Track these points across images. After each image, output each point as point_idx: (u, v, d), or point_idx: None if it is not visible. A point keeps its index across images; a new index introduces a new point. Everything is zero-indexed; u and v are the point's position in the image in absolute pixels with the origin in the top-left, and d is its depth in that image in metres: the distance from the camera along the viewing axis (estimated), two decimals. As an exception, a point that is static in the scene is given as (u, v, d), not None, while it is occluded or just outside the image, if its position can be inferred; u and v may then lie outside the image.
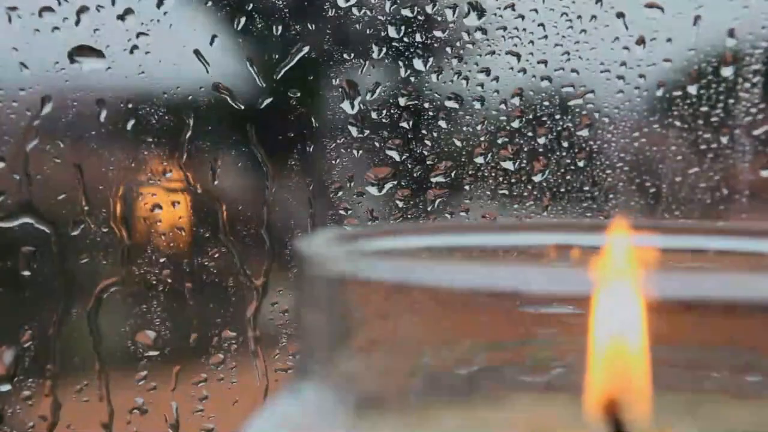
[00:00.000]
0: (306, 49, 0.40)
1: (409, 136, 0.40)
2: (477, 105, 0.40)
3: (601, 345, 0.17)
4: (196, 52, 0.39)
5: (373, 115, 0.40)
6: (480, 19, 0.40)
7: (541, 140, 0.41)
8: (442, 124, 0.40)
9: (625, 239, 0.22)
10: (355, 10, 0.39)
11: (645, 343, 0.17)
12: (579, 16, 0.40)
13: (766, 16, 0.40)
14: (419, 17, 0.40)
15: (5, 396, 0.38)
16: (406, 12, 0.40)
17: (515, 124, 0.41)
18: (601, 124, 0.41)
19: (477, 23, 0.40)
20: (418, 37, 0.40)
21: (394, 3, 0.40)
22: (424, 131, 0.40)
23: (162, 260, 0.39)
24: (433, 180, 0.41)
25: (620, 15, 0.40)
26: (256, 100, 0.40)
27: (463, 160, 0.41)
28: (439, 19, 0.40)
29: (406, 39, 0.40)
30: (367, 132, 0.40)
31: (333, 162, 0.41)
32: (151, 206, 0.39)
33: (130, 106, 0.38)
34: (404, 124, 0.40)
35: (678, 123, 0.41)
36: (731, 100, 0.40)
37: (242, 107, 0.40)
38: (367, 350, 0.19)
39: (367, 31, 0.40)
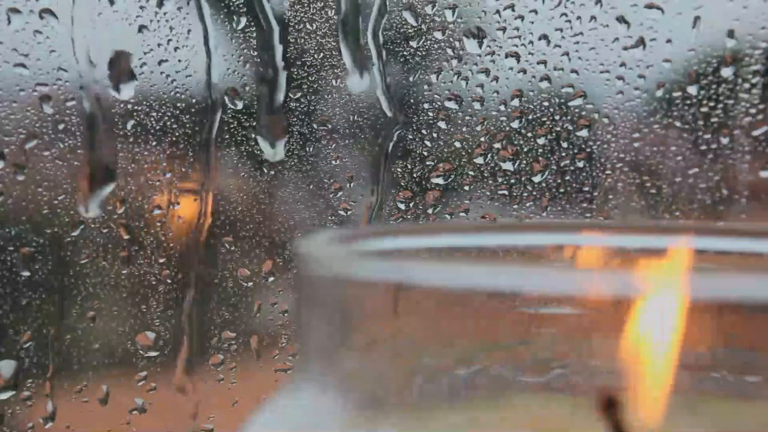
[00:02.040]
0: (305, 49, 0.40)
1: (410, 137, 0.40)
2: (477, 105, 0.40)
3: (600, 345, 0.17)
4: (197, 53, 0.39)
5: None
6: (481, 47, 0.40)
7: (541, 141, 0.41)
8: (442, 125, 0.40)
9: (625, 240, 0.22)
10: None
11: (645, 344, 0.17)
12: (579, 17, 0.40)
13: (766, 16, 0.40)
14: (419, 18, 0.40)
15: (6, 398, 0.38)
16: (406, 14, 0.40)
17: (515, 125, 0.41)
18: (601, 124, 0.41)
19: (478, 51, 0.40)
20: (417, 39, 0.40)
21: (393, 4, 0.40)
22: (423, 131, 0.40)
23: (161, 260, 0.39)
24: (433, 181, 0.41)
25: (620, 16, 0.40)
26: (255, 101, 0.40)
27: (462, 160, 0.41)
28: (439, 20, 0.40)
29: (405, 40, 0.40)
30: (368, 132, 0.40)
31: (333, 162, 0.41)
32: (150, 207, 0.39)
33: (129, 106, 0.38)
34: (403, 125, 0.40)
35: (678, 124, 0.41)
36: (731, 101, 0.40)
37: (242, 107, 0.40)
38: (367, 350, 0.19)
39: (367, 32, 0.40)
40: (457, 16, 0.40)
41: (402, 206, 0.41)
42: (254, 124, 0.40)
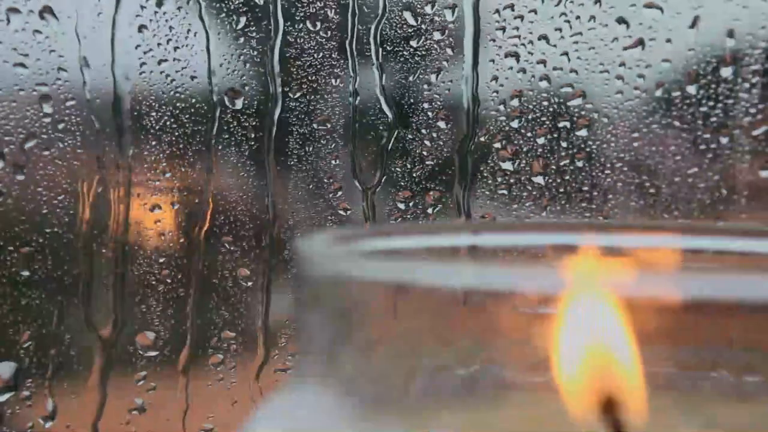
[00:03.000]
0: (306, 49, 0.40)
1: (409, 136, 0.40)
2: (476, 105, 0.40)
3: (600, 345, 0.17)
4: (197, 53, 0.39)
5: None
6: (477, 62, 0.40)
7: (541, 141, 0.41)
8: (441, 124, 0.40)
9: (625, 240, 0.22)
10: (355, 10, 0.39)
11: (645, 344, 0.17)
12: (578, 17, 0.40)
13: (766, 16, 0.40)
14: (419, 18, 0.40)
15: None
16: (406, 14, 0.40)
17: (514, 125, 0.41)
18: (600, 124, 0.41)
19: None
20: (417, 39, 0.40)
21: (393, 4, 0.40)
22: (423, 131, 0.40)
23: (161, 260, 0.39)
24: (433, 181, 0.41)
25: (619, 15, 0.40)
26: (255, 101, 0.40)
27: (462, 160, 0.41)
28: (438, 20, 0.40)
29: (406, 40, 0.40)
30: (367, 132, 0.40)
31: (333, 162, 0.41)
32: (150, 207, 0.39)
33: (129, 106, 0.38)
34: (404, 125, 0.40)
35: (677, 123, 0.41)
36: (730, 101, 0.40)
37: (242, 107, 0.40)
38: (367, 350, 0.19)
39: (367, 32, 0.40)
40: (457, 16, 0.40)
41: (402, 206, 0.41)
42: (254, 123, 0.40)
